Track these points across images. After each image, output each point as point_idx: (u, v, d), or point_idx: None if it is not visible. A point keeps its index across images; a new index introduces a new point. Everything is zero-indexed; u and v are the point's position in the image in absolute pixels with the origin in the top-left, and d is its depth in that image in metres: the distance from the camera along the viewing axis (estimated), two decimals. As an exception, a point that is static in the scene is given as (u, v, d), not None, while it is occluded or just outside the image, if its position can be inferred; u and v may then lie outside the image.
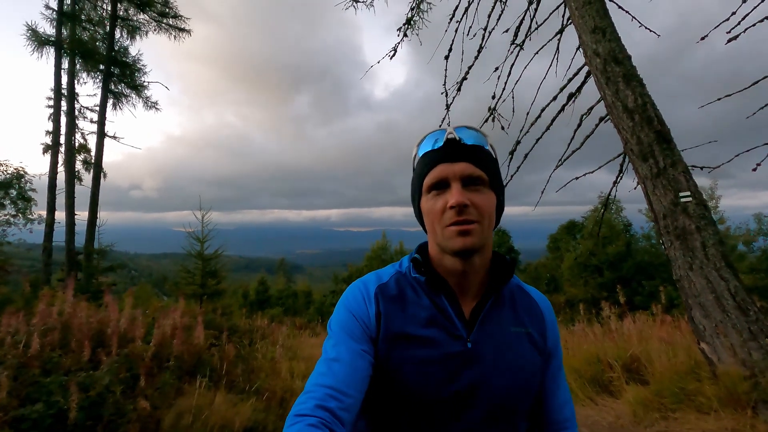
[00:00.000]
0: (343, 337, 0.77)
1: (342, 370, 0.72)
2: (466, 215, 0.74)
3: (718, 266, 3.36)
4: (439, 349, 0.77)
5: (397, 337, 0.78)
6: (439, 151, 0.79)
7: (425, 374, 0.76)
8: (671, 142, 3.76)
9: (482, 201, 0.76)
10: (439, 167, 0.78)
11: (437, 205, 0.77)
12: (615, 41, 4.08)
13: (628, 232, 17.54)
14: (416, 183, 0.84)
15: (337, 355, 0.74)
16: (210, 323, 5.50)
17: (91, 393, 2.29)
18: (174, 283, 12.09)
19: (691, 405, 3.10)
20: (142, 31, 13.09)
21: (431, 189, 0.79)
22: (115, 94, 12.98)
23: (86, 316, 3.53)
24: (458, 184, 0.76)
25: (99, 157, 11.93)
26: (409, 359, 0.76)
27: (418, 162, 0.84)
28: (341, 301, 0.85)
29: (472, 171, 0.77)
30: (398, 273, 0.87)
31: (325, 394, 0.68)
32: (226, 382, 3.34)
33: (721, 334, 3.23)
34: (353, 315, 0.80)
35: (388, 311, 0.80)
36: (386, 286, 0.84)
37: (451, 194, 0.75)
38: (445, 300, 0.81)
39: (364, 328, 0.79)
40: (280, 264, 43.30)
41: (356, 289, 0.85)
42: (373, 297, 0.82)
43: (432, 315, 0.80)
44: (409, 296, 0.83)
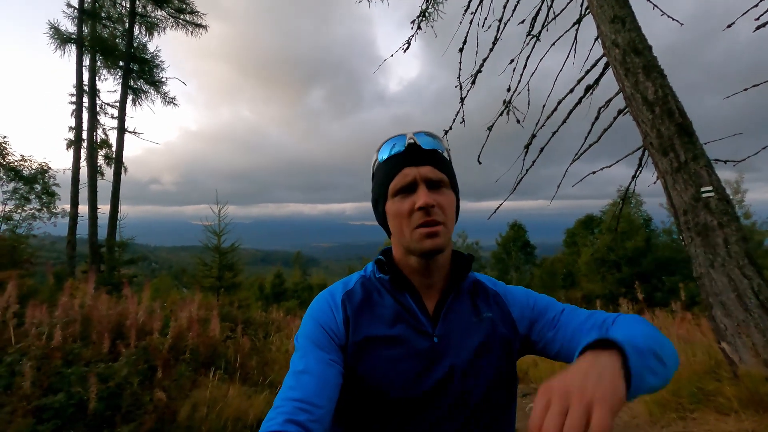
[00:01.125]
0: (311, 348, 0.78)
1: (311, 382, 0.72)
2: (433, 216, 0.78)
3: (741, 264, 3.26)
4: (407, 346, 0.80)
5: (366, 340, 0.80)
6: (402, 155, 0.83)
7: (396, 372, 0.77)
8: (693, 135, 3.64)
9: (445, 202, 0.81)
10: (404, 171, 0.81)
11: (404, 207, 0.80)
12: (635, 31, 3.95)
13: (648, 226, 17.12)
14: (380, 187, 0.86)
15: (305, 366, 0.75)
16: (226, 316, 5.60)
17: (110, 384, 2.36)
18: (192, 275, 12.34)
19: (710, 405, 3.02)
20: (159, 28, 13.30)
21: (398, 192, 0.82)
22: (134, 90, 13.24)
23: (106, 309, 3.64)
24: (424, 186, 0.80)
25: (120, 152, 12.21)
26: (379, 360, 0.78)
27: (380, 167, 0.87)
28: (307, 314, 0.86)
29: (435, 174, 0.81)
30: (363, 277, 0.90)
31: (294, 407, 0.68)
32: (240, 375, 3.40)
33: (743, 333, 3.13)
34: (320, 325, 0.82)
35: (356, 316, 0.82)
36: (352, 292, 0.87)
37: (419, 196, 0.79)
38: (409, 298, 0.84)
39: (333, 336, 0.80)
40: (296, 257, 43.79)
41: (322, 300, 0.87)
42: (340, 304, 0.84)
43: (397, 313, 0.83)
44: (375, 298, 0.86)
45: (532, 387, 4.66)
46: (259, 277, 26.27)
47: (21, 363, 2.29)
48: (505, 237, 30.87)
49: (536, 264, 30.76)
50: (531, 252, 31.38)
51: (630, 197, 6.01)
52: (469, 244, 24.50)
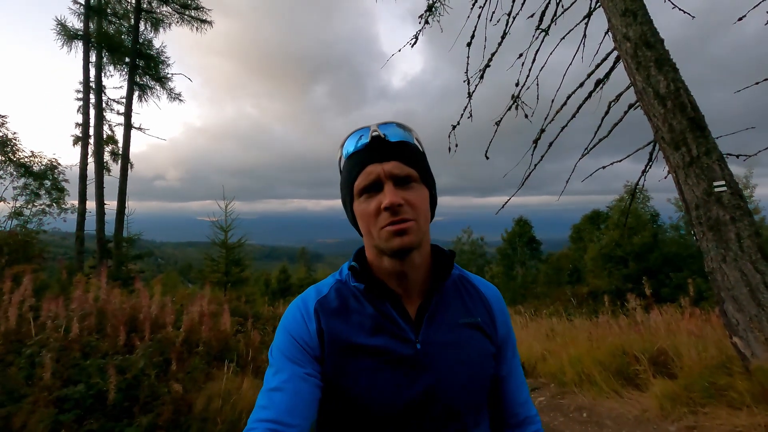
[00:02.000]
0: (284, 363, 0.74)
1: (284, 400, 0.69)
2: (401, 214, 0.72)
3: (754, 258, 3.24)
4: (389, 356, 0.75)
5: (344, 350, 0.76)
6: (365, 151, 0.77)
7: (378, 383, 0.74)
8: (705, 130, 3.62)
9: (415, 198, 0.75)
10: (368, 168, 0.75)
11: (371, 208, 0.75)
12: (647, 24, 3.92)
13: (655, 222, 17.03)
14: (346, 187, 0.81)
15: (279, 383, 0.71)
16: (235, 310, 5.65)
17: (128, 376, 2.40)
18: (199, 270, 12.42)
19: (721, 400, 3.02)
20: (165, 23, 13.32)
21: (363, 192, 0.76)
22: (140, 86, 13.30)
23: (119, 302, 3.68)
24: (390, 184, 0.74)
25: (126, 148, 12.28)
26: (360, 371, 0.74)
27: (345, 164, 0.81)
28: (280, 324, 0.81)
29: (402, 170, 0.75)
30: (338, 282, 0.84)
31: (266, 428, 0.65)
32: (252, 368, 3.43)
33: (755, 328, 3.12)
34: (293, 337, 0.77)
35: (330, 326, 0.77)
36: (326, 299, 0.81)
37: (384, 195, 0.73)
38: (388, 305, 0.79)
39: (306, 348, 0.76)
40: (301, 253, 43.93)
41: (295, 309, 0.81)
42: (312, 313, 0.79)
43: (377, 322, 0.77)
44: (351, 306, 0.80)
45: (541, 381, 4.67)
46: (265, 273, 26.42)
47: (41, 355, 2.34)
48: (510, 233, 30.80)
49: (542, 260, 30.69)
50: (537, 248, 31.31)
51: (638, 193, 5.98)
52: (474, 239, 24.43)
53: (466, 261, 23.21)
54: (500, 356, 0.87)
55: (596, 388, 3.93)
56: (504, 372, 0.88)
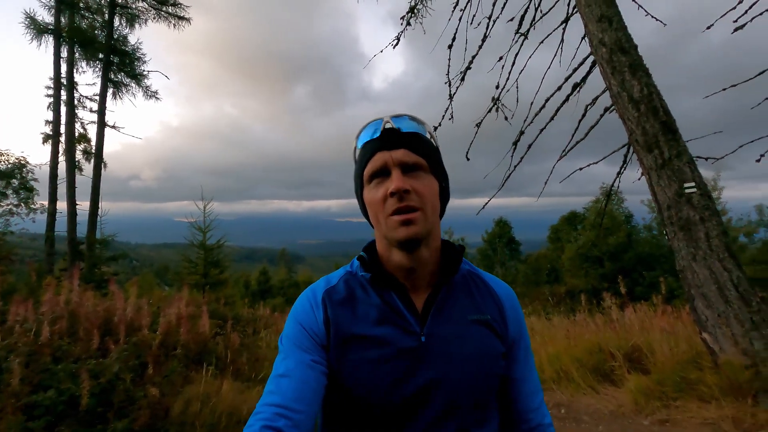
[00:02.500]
0: (292, 350, 0.76)
1: (290, 386, 0.70)
2: (407, 201, 0.73)
3: (722, 257, 3.38)
4: (392, 346, 0.75)
5: (348, 339, 0.76)
6: (376, 140, 0.78)
7: (380, 374, 0.74)
8: (676, 133, 3.75)
9: (422, 187, 0.75)
10: (377, 155, 0.77)
11: (378, 194, 0.76)
12: (621, 30, 4.04)
13: (629, 223, 17.56)
14: (357, 175, 0.83)
15: (286, 370, 0.72)
16: (213, 312, 5.54)
17: (102, 380, 2.32)
18: (176, 272, 12.14)
19: (692, 394, 3.14)
20: (141, 19, 12.95)
21: (372, 178, 0.78)
22: (114, 83, 12.90)
23: (93, 305, 3.56)
24: (398, 170, 0.75)
25: (100, 147, 11.90)
26: (362, 361, 0.75)
27: (358, 154, 0.83)
28: (290, 313, 0.82)
29: (409, 157, 0.76)
30: (348, 273, 0.85)
31: (273, 413, 0.66)
32: (231, 371, 3.38)
33: (723, 324, 3.25)
34: (301, 325, 0.78)
35: (336, 315, 0.78)
36: (334, 290, 0.82)
37: (391, 181, 0.74)
38: (394, 296, 0.79)
39: (314, 337, 0.77)
40: (281, 254, 43.43)
41: (304, 298, 0.83)
42: (320, 303, 0.80)
43: (383, 313, 0.78)
44: (359, 296, 0.81)
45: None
46: (244, 274, 26.01)
47: (8, 360, 2.24)
48: (490, 233, 31.21)
49: (521, 260, 31.20)
50: (516, 248, 31.81)
51: (613, 194, 6.16)
52: (455, 240, 24.77)
53: (447, 262, 23.69)
54: (511, 357, 0.84)
55: (574, 384, 4.02)
56: (516, 374, 0.85)
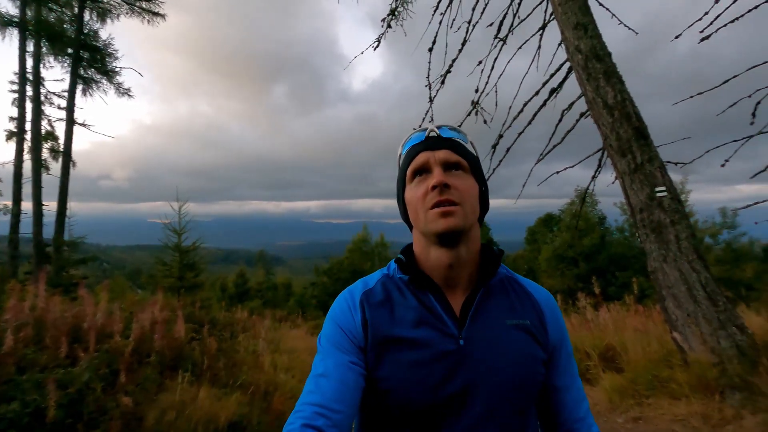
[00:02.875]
0: (331, 351, 0.77)
1: (329, 386, 0.71)
2: (447, 195, 0.75)
3: (691, 259, 3.51)
4: (431, 349, 0.75)
5: (385, 341, 0.76)
6: (421, 143, 0.82)
7: (418, 377, 0.73)
8: (648, 138, 3.88)
9: (463, 184, 0.77)
10: (421, 155, 0.80)
11: (419, 191, 0.78)
12: (596, 38, 4.15)
13: (602, 224, 18.08)
14: (400, 176, 0.86)
15: (325, 370, 0.73)
16: (189, 317, 5.39)
17: (70, 390, 2.22)
18: (150, 275, 11.79)
19: (664, 391, 3.24)
20: (113, 14, 12.53)
21: (414, 176, 0.81)
22: (84, 79, 12.44)
23: (60, 311, 3.41)
24: (439, 168, 0.77)
25: (68, 145, 11.45)
26: (400, 363, 0.75)
27: (402, 158, 0.86)
28: (328, 314, 0.84)
29: (451, 156, 0.79)
30: (385, 276, 0.86)
31: (313, 412, 0.67)
32: (209, 377, 3.29)
33: (692, 323, 3.38)
34: (339, 327, 0.79)
35: (374, 317, 0.79)
36: (372, 292, 0.83)
37: (433, 176, 0.77)
38: (432, 298, 0.79)
39: (352, 338, 0.78)
40: (259, 256, 42.76)
41: (342, 300, 0.84)
42: (358, 305, 0.81)
43: (420, 315, 0.78)
44: (395, 298, 0.81)
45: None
46: (221, 277, 25.47)
47: (-33, 371, 2.11)
48: (468, 235, 31.52)
49: (498, 261, 31.62)
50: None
51: (588, 196, 6.33)
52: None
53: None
54: (553, 364, 0.83)
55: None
56: (558, 382, 0.83)
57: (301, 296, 22.27)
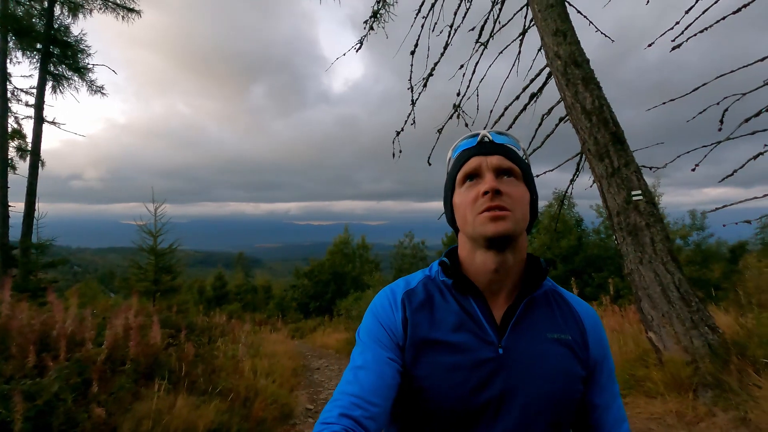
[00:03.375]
0: (370, 345, 0.77)
1: (367, 378, 0.71)
2: (499, 201, 0.74)
3: (665, 260, 3.62)
4: (469, 355, 0.74)
5: (424, 343, 0.77)
6: (473, 147, 0.81)
7: (454, 381, 0.73)
8: (625, 143, 3.98)
9: (515, 191, 0.76)
10: (472, 159, 0.79)
11: (470, 195, 0.77)
12: (575, 44, 4.24)
13: (579, 226, 18.50)
14: (449, 180, 0.85)
15: (364, 362, 0.74)
16: (165, 321, 5.24)
17: (38, 402, 2.11)
18: (124, 279, 11.42)
19: (640, 390, 3.32)
20: (85, 9, 12.12)
21: (465, 180, 0.80)
22: (54, 76, 11.99)
23: (27, 318, 3.25)
24: (491, 173, 0.77)
25: (37, 144, 11.00)
26: (437, 366, 0.75)
27: (452, 162, 0.85)
28: (369, 309, 0.84)
29: (504, 162, 0.78)
30: (427, 277, 0.86)
31: (350, 402, 0.68)
32: (186, 384, 3.19)
33: (666, 323, 3.48)
34: (380, 322, 0.80)
35: (414, 317, 0.79)
36: (413, 292, 0.83)
37: (485, 182, 0.76)
38: (474, 303, 0.79)
39: (391, 335, 0.78)
40: (238, 258, 42.03)
41: (384, 296, 0.84)
42: (399, 303, 0.81)
43: (461, 320, 0.78)
44: (437, 301, 0.81)
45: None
46: (199, 280, 24.87)
47: (-76, 384, 1.98)
48: (450, 236, 31.78)
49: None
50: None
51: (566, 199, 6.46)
52: (415, 243, 24.98)
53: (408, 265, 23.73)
54: (592, 382, 0.81)
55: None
56: (598, 400, 0.81)
57: (282, 299, 21.97)
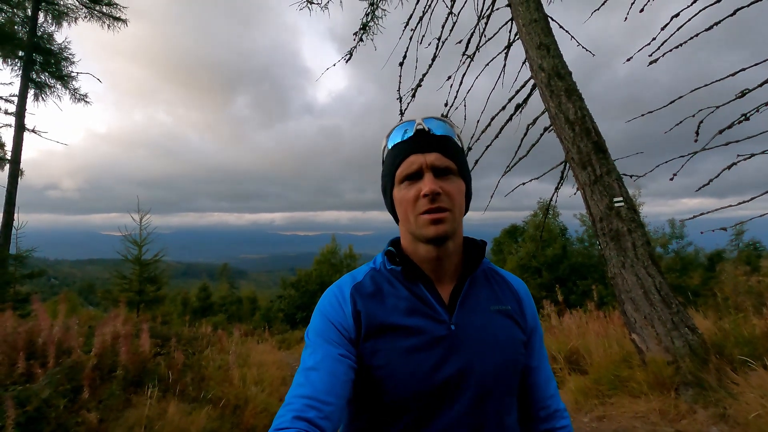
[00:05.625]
0: (320, 344, 0.77)
1: (320, 378, 0.71)
2: (438, 203, 0.77)
3: (646, 264, 3.75)
4: (424, 336, 0.77)
5: (380, 330, 0.78)
6: (409, 141, 0.81)
7: (413, 363, 0.75)
8: (606, 152, 4.14)
9: (453, 189, 0.79)
10: (411, 158, 0.80)
11: (410, 194, 0.79)
12: (558, 57, 4.41)
13: (563, 235, 18.87)
14: (388, 174, 0.85)
15: (314, 363, 0.74)
16: (151, 331, 5.16)
17: (29, 408, 2.08)
18: (105, 290, 11.17)
19: (625, 390, 3.41)
20: (70, 17, 12.04)
21: (404, 179, 0.81)
22: (37, 83, 11.81)
23: (12, 327, 3.19)
24: (430, 173, 0.78)
25: (17, 153, 10.78)
26: (395, 351, 0.76)
27: (388, 153, 0.85)
28: (317, 309, 0.84)
29: (442, 161, 0.79)
30: (372, 270, 0.88)
31: (303, 404, 0.67)
32: (176, 392, 3.17)
33: (648, 325, 3.59)
34: (329, 320, 0.80)
35: (366, 307, 0.80)
36: (361, 285, 0.84)
37: (424, 183, 0.77)
38: (422, 287, 0.82)
39: (342, 331, 0.78)
40: (222, 269, 41.40)
41: (330, 294, 0.84)
42: (348, 297, 0.82)
43: (412, 304, 0.80)
44: (386, 290, 0.83)
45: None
46: (182, 291, 24.42)
47: None
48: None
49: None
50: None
51: (551, 208, 6.63)
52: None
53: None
54: (529, 346, 0.89)
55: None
56: (533, 363, 0.90)
57: (268, 310, 21.71)
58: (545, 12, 4.63)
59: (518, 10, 4.67)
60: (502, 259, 23.45)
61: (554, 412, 0.90)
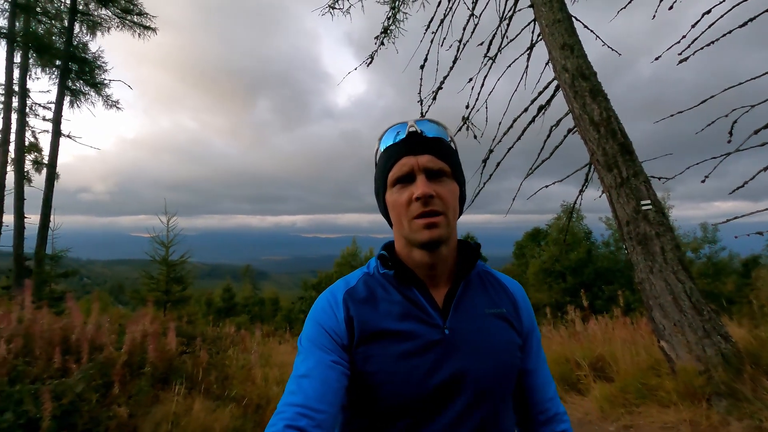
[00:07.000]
0: (313, 351, 0.76)
1: (312, 386, 0.70)
2: (431, 206, 0.75)
3: (676, 269, 3.62)
4: (417, 340, 0.76)
5: (373, 335, 0.77)
6: (401, 144, 0.80)
7: (407, 368, 0.75)
8: (633, 154, 4.03)
9: (446, 192, 0.78)
10: (402, 160, 0.78)
11: (403, 198, 0.78)
12: (582, 58, 4.33)
13: (588, 239, 18.42)
14: (380, 177, 0.84)
15: (307, 370, 0.73)
16: (177, 330, 5.31)
17: (64, 401, 2.18)
18: (134, 290, 11.56)
19: (653, 399, 3.30)
20: (103, 27, 12.56)
21: (396, 182, 0.79)
22: (72, 91, 12.36)
23: (48, 323, 3.34)
24: (423, 176, 0.76)
25: (54, 157, 11.29)
26: (388, 357, 0.76)
27: (381, 156, 0.84)
28: (309, 315, 0.83)
29: (435, 163, 0.78)
30: (366, 275, 0.87)
31: (295, 413, 0.66)
32: (201, 389, 3.25)
33: (678, 332, 3.47)
34: (321, 326, 0.79)
35: (359, 313, 0.79)
36: (354, 290, 0.83)
37: (417, 186, 0.76)
38: (416, 291, 0.81)
39: (335, 337, 0.77)
40: (245, 271, 42.14)
41: (323, 300, 0.83)
42: (341, 303, 0.81)
43: (405, 308, 0.79)
44: (379, 294, 0.82)
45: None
46: (206, 292, 25.02)
47: (-43, 382, 2.06)
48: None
49: (486, 275, 31.70)
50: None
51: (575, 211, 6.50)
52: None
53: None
54: (526, 349, 0.88)
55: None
56: (531, 366, 0.89)
57: (289, 311, 21.99)
58: (569, 12, 4.56)
59: (541, 10, 4.61)
60: (524, 263, 23.08)
61: (554, 416, 0.89)
